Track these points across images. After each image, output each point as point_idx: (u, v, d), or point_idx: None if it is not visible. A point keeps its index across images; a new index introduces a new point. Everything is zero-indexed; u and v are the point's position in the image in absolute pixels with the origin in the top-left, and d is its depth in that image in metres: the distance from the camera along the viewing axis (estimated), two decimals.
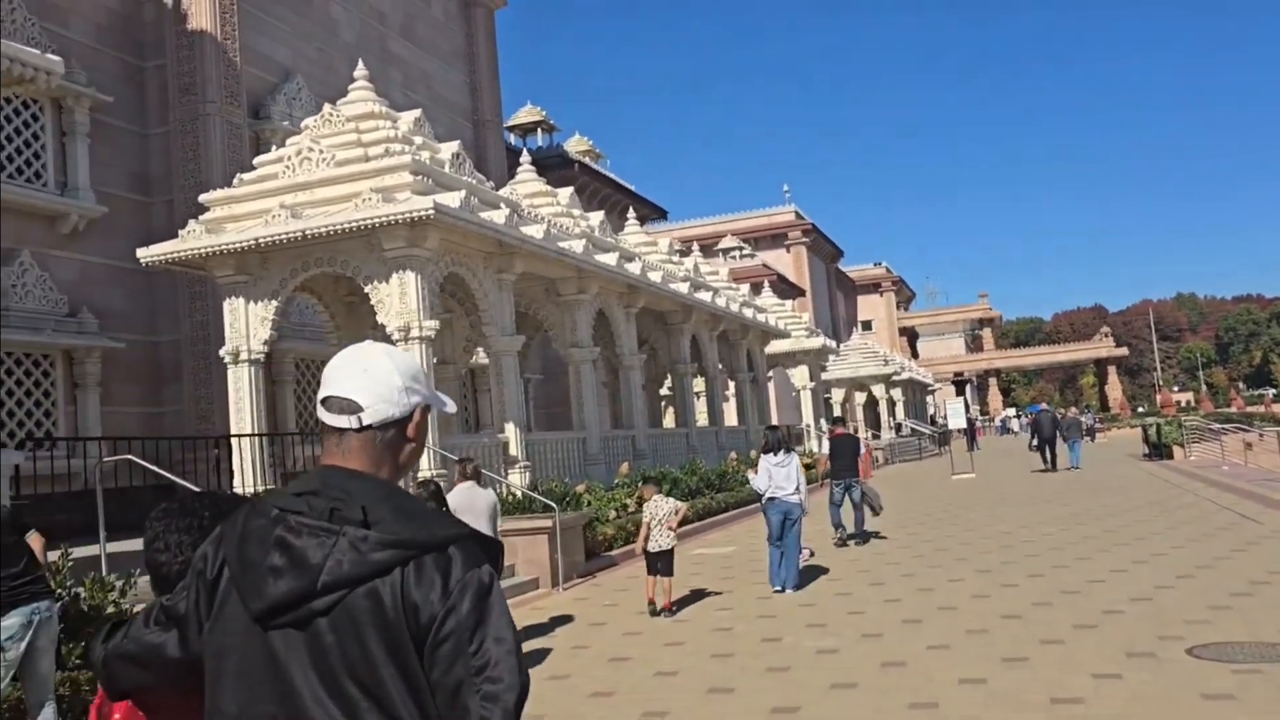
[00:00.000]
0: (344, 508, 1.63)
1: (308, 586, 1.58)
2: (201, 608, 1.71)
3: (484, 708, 1.54)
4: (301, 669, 1.58)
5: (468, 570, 1.61)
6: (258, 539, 1.65)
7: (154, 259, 14.42)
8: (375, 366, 1.76)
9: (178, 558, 1.94)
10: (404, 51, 27.20)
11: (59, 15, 18.74)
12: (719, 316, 26.09)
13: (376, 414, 1.73)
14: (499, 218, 14.53)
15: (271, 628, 1.61)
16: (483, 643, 1.57)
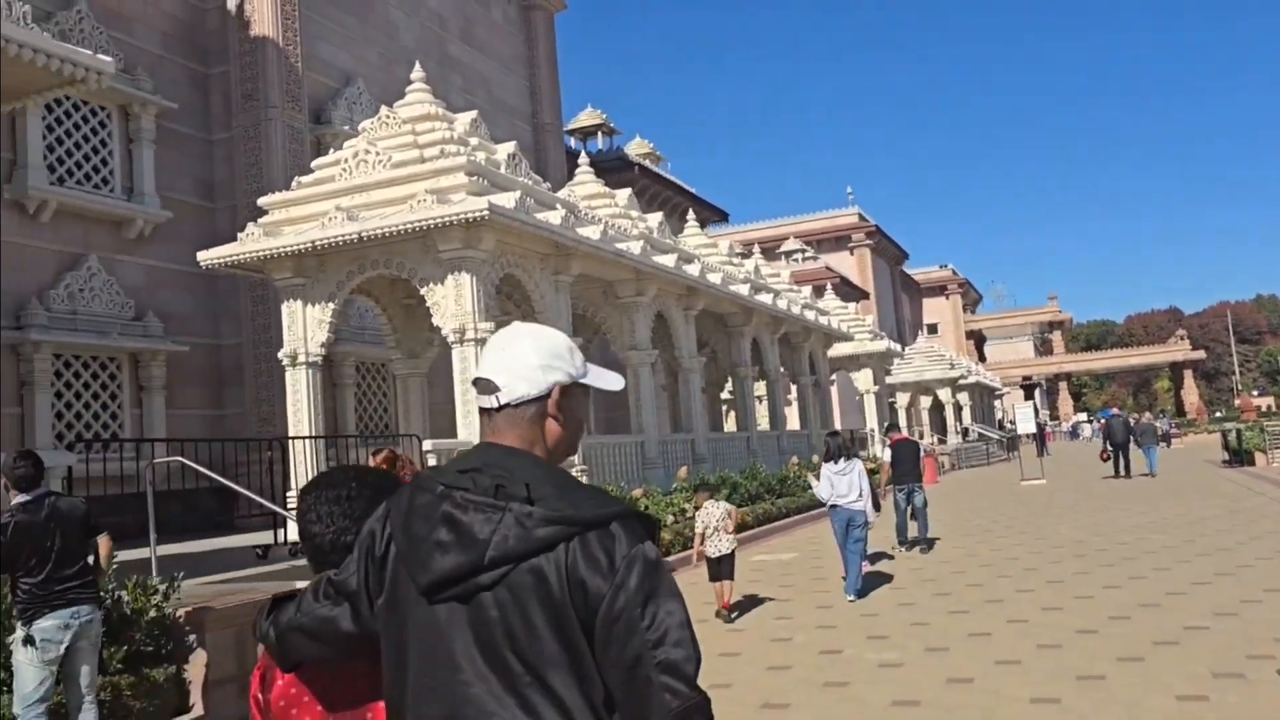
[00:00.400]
0: (508, 484, 1.66)
1: (474, 561, 1.62)
2: (371, 583, 1.78)
3: (666, 679, 1.57)
4: (464, 642, 1.63)
5: (632, 546, 1.62)
6: (424, 515, 1.69)
7: (214, 262, 14.52)
8: (513, 346, 1.79)
9: (329, 528, 2.01)
10: (464, 55, 27.27)
11: (125, 24, 19.04)
12: (780, 319, 25.72)
13: (512, 392, 1.76)
14: (555, 218, 14.38)
15: (437, 601, 1.65)
16: (655, 616, 1.59)
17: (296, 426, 14.41)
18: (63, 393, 17.13)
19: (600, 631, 1.59)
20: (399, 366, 16.99)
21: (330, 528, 2.02)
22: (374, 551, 1.78)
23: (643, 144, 42.02)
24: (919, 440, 29.93)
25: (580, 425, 1.84)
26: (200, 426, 19.13)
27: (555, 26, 31.45)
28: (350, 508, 2.02)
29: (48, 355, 16.70)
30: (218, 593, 7.39)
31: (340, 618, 1.82)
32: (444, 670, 1.63)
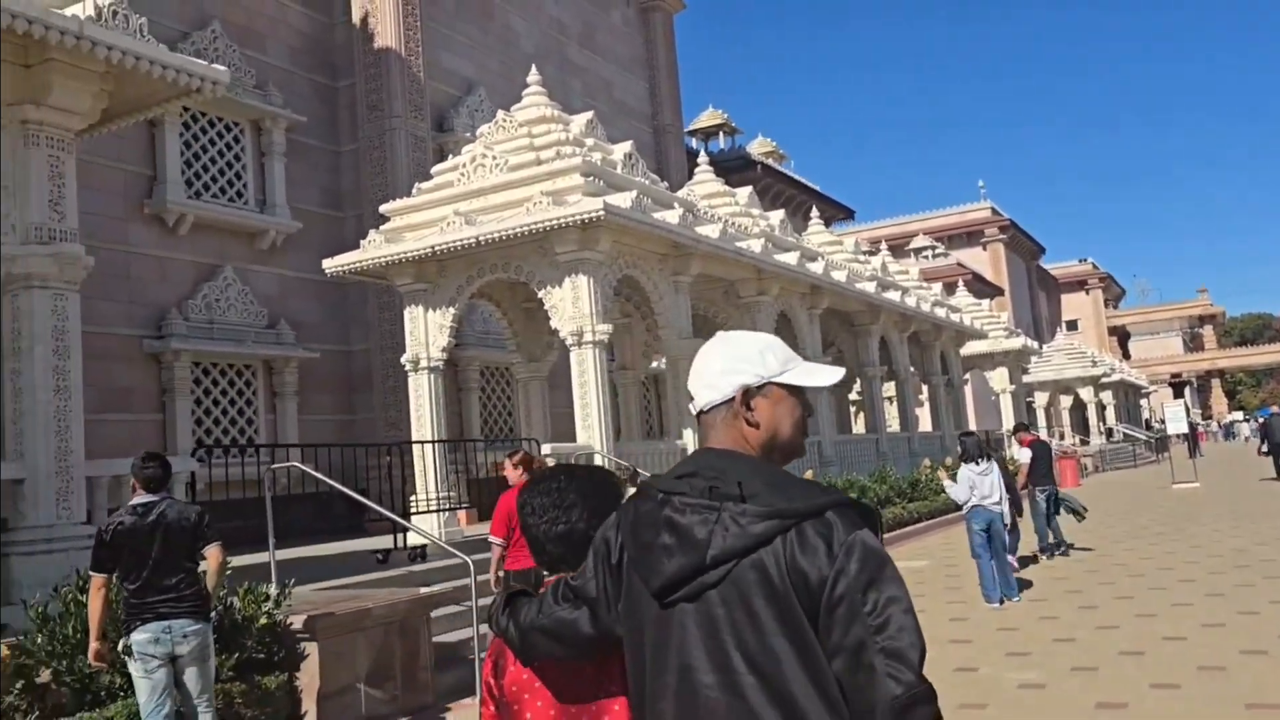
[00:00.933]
0: (721, 485, 1.71)
1: (697, 561, 1.68)
2: (609, 589, 1.87)
3: (890, 665, 1.57)
4: (695, 640, 1.68)
5: (849, 533, 1.64)
6: (648, 521, 1.77)
7: (338, 269, 14.76)
8: (704, 355, 1.90)
9: (542, 519, 2.14)
10: (583, 60, 27.31)
11: (257, 42, 19.63)
12: (909, 317, 24.90)
13: (701, 399, 1.86)
14: (672, 218, 14.12)
15: (669, 603, 1.72)
16: (878, 602, 1.60)
17: (419, 430, 14.52)
18: (201, 399, 17.72)
19: (823, 618, 1.61)
20: (520, 370, 17.00)
21: (543, 519, 2.14)
22: (609, 559, 1.87)
23: (765, 142, 41.48)
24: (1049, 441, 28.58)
25: (791, 422, 1.85)
26: (331, 431, 19.56)
27: (674, 27, 31.24)
28: (559, 499, 2.14)
29: (187, 363, 17.29)
30: (331, 599, 7.36)
31: (580, 621, 1.92)
32: (677, 668, 1.70)
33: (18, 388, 7.21)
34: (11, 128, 7.26)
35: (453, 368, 21.42)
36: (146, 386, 17.07)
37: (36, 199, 7.29)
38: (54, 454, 7.18)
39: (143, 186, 17.38)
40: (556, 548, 2.13)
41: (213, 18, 18.69)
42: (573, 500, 2.14)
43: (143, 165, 17.46)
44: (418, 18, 20.86)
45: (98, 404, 16.37)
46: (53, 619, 5.90)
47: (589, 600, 1.91)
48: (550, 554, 2.14)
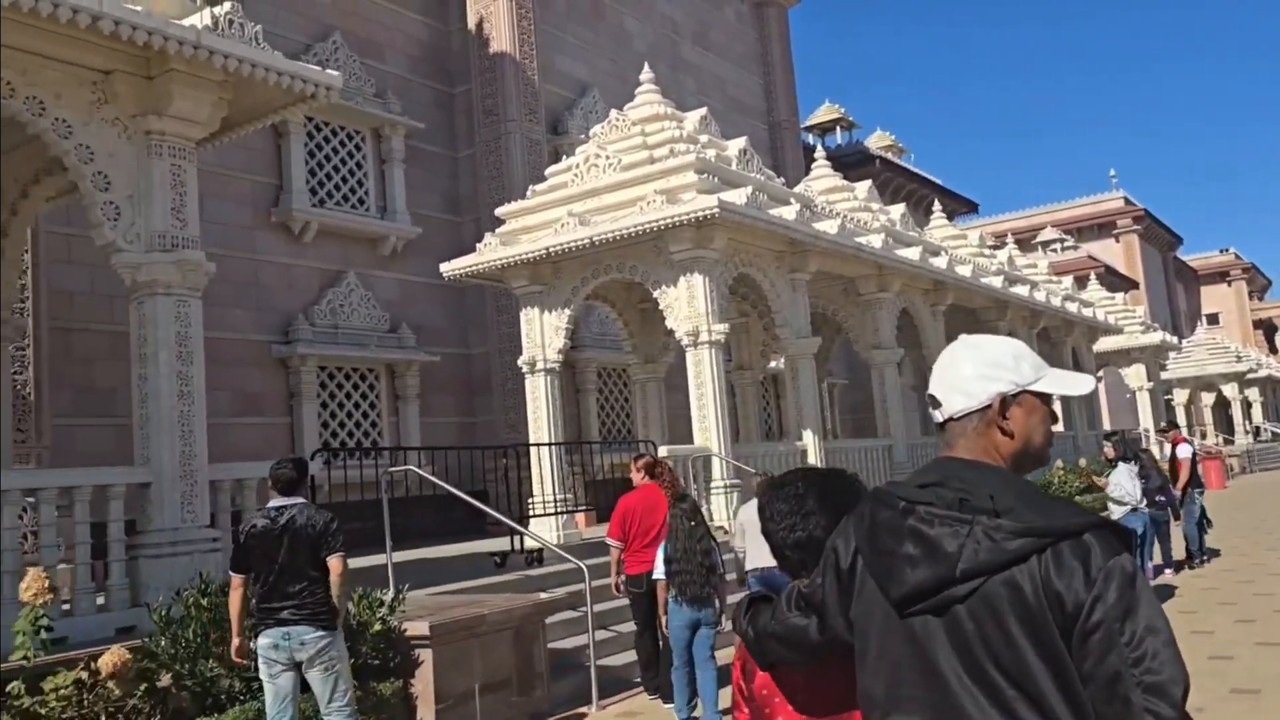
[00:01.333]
0: (972, 497, 1.67)
1: (945, 574, 1.64)
2: (839, 597, 1.85)
3: (1148, 700, 1.52)
4: (944, 654, 1.65)
5: (1108, 558, 1.60)
6: (889, 530, 1.73)
7: (455, 273, 14.87)
8: (951, 359, 1.85)
9: (781, 525, 2.15)
10: (697, 58, 27.09)
11: (376, 51, 20.00)
12: (1038, 312, 23.91)
13: (951, 406, 1.81)
14: (789, 214, 13.78)
15: (909, 614, 1.69)
16: (1135, 633, 1.56)
17: (536, 433, 14.52)
18: (327, 403, 18.12)
19: (1076, 644, 1.58)
20: (636, 371, 16.88)
21: (781, 525, 2.16)
22: (839, 566, 1.84)
23: (884, 136, 40.54)
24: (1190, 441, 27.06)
25: (1043, 432, 1.81)
26: (452, 433, 19.78)
27: (789, 22, 30.76)
28: (799, 505, 2.14)
29: (313, 367, 17.70)
30: (446, 604, 7.30)
31: (810, 628, 1.91)
32: (926, 682, 1.66)
33: (144, 393, 7.36)
34: (136, 138, 7.43)
35: (570, 369, 21.45)
36: (276, 391, 17.54)
37: (159, 207, 7.45)
38: (178, 458, 7.31)
39: (270, 196, 17.88)
40: (795, 554, 2.14)
41: (334, 29, 19.12)
42: (812, 507, 2.13)
43: (270, 175, 17.96)
44: (531, 21, 20.96)
45: (230, 408, 16.91)
46: (175, 622, 5.96)
47: (816, 607, 1.91)
48: (790, 560, 2.16)
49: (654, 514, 7.59)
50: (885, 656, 1.72)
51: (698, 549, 6.61)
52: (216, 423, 16.64)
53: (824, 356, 21.79)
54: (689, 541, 6.62)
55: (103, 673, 5.25)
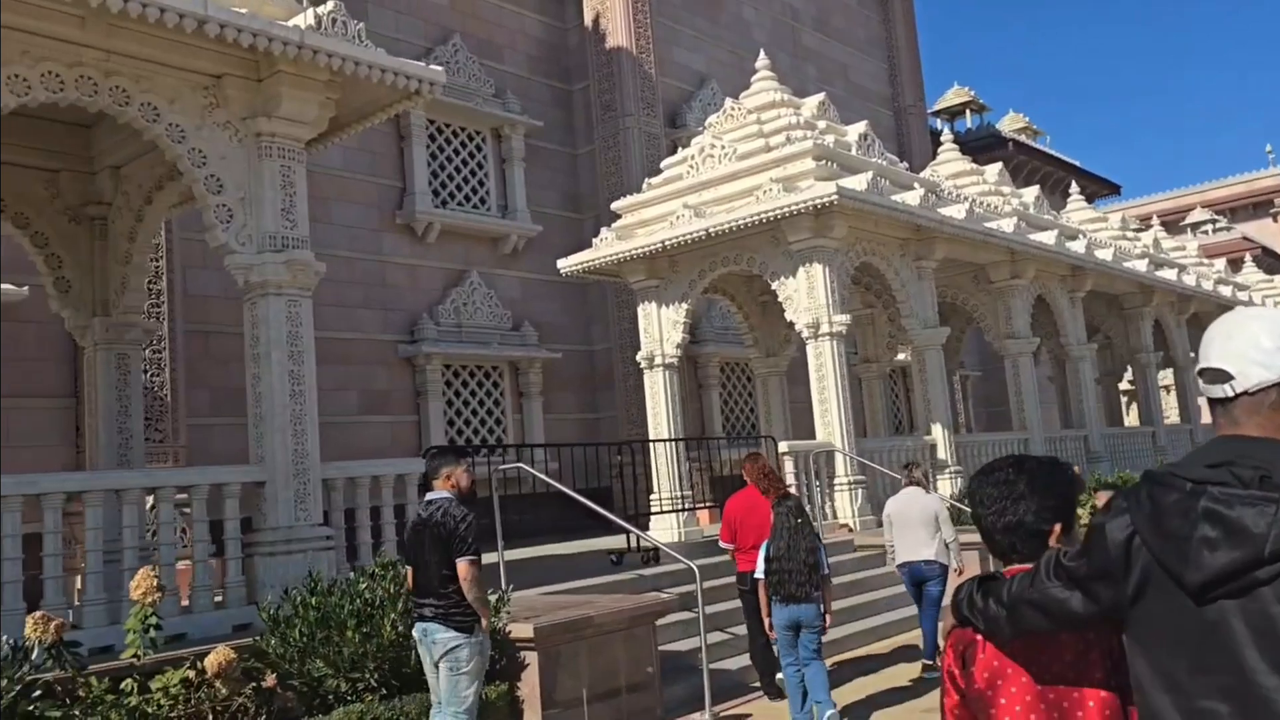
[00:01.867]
0: (1274, 474, 1.62)
1: (1252, 556, 1.60)
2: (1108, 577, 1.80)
3: None
4: (1246, 641, 1.60)
5: None
6: (1177, 512, 1.68)
7: (571, 268, 14.83)
8: (1241, 331, 1.76)
9: (990, 509, 2.16)
10: (818, 45, 26.48)
11: (495, 52, 20.16)
12: (1188, 296, 22.52)
13: (1247, 379, 1.72)
14: (913, 199, 13.24)
15: (1207, 600, 1.64)
16: None
17: (655, 428, 14.35)
18: (452, 400, 18.35)
19: None
20: (758, 365, 16.53)
21: (990, 510, 2.16)
22: (1110, 548, 1.80)
23: (1017, 118, 38.96)
24: None
25: None
26: (575, 430, 19.79)
27: (914, 2, 29.81)
28: (1008, 490, 2.15)
29: (438, 366, 17.94)
30: (555, 604, 7.16)
31: (1071, 601, 1.88)
32: (1228, 667, 1.62)
33: (257, 393, 7.45)
34: (246, 141, 7.52)
35: (693, 364, 21.24)
36: (403, 389, 17.85)
37: (270, 208, 7.51)
38: (291, 457, 7.36)
39: (394, 198, 18.19)
40: (1004, 538, 2.15)
41: (454, 32, 19.34)
42: (1021, 492, 2.14)
43: (393, 178, 18.28)
44: (648, 14, 20.80)
45: (360, 407, 17.29)
46: (282, 621, 5.97)
47: (1081, 584, 1.87)
48: (999, 544, 2.16)
49: (754, 513, 7.56)
50: (1179, 641, 1.69)
51: (801, 547, 6.55)
52: (346, 421, 17.13)
53: (954, 347, 21.00)
54: (792, 539, 6.57)
55: (209, 672, 5.27)
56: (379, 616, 5.91)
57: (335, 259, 17.39)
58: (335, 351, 17.16)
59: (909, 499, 8.52)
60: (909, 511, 8.40)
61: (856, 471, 12.51)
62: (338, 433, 16.68)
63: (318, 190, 17.42)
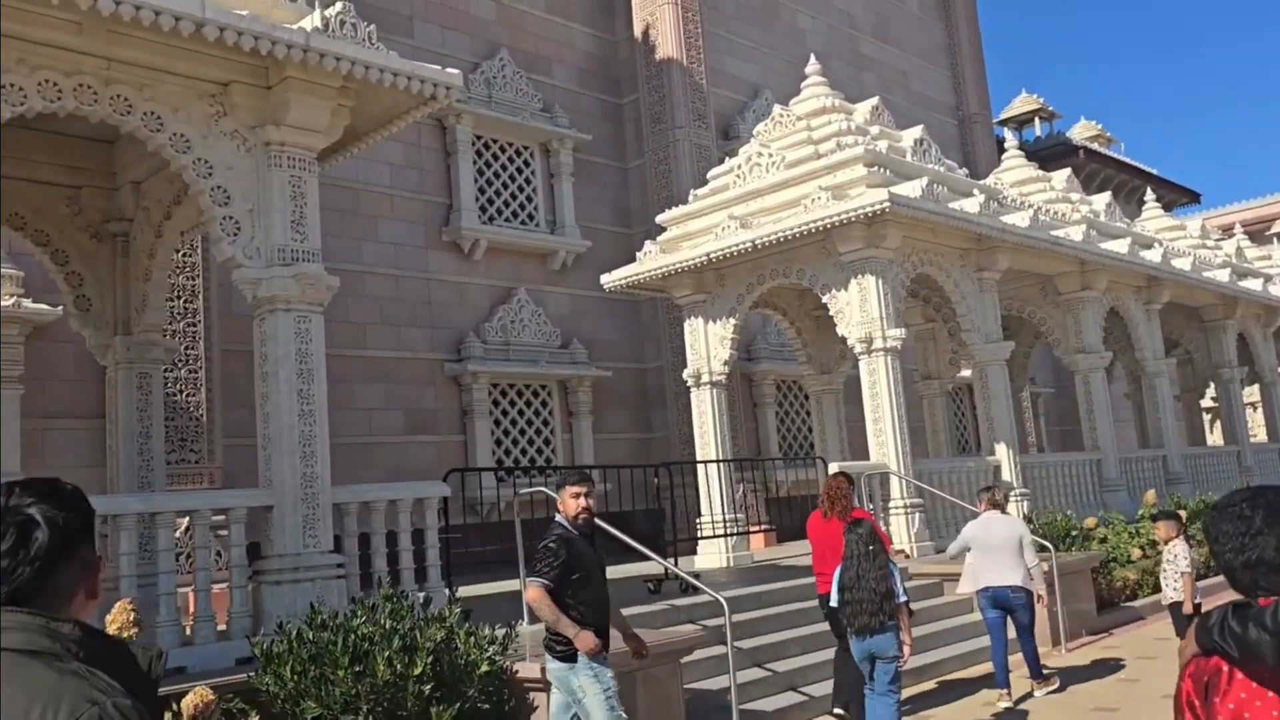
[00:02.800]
0: None
1: None
2: None
3: None
4: None
5: None
6: None
7: (615, 284, 14.38)
8: None
9: (1227, 546, 2.10)
10: (877, 53, 25.81)
11: (543, 66, 19.88)
12: (1275, 308, 21.33)
13: None
14: (971, 206, 12.55)
15: None
16: None
17: (703, 449, 13.81)
18: (500, 420, 18.00)
19: None
20: (811, 383, 15.90)
21: (1229, 546, 2.10)
22: None
23: (1089, 126, 37.71)
24: None
25: None
26: (626, 450, 19.31)
27: (977, 7, 28.96)
28: (1245, 525, 2.09)
29: (485, 385, 17.61)
30: None
31: None
32: None
33: (265, 412, 7.10)
34: (255, 150, 7.21)
35: (747, 382, 20.67)
36: (449, 408, 17.55)
37: (279, 221, 7.19)
38: (300, 480, 6.99)
39: (441, 215, 17.95)
40: (1246, 575, 2.09)
41: (501, 46, 19.11)
42: (1259, 527, 2.08)
43: (440, 194, 18.05)
44: (698, 24, 20.37)
45: (407, 426, 17.03)
46: (275, 658, 5.57)
47: None
48: (1241, 581, 2.10)
49: (828, 535, 7.41)
50: None
51: (872, 575, 6.34)
52: (393, 441, 16.87)
53: (1021, 363, 20.13)
54: (861, 567, 6.38)
55: (184, 714, 4.88)
56: (374, 654, 5.47)
57: (382, 277, 17.22)
58: (382, 370, 16.95)
59: (991, 522, 8.26)
60: (991, 536, 8.15)
61: (913, 494, 11.83)
62: (384, 452, 16.45)
63: (365, 209, 17.28)
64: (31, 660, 1.48)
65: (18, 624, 1.51)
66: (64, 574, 1.60)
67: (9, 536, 1.56)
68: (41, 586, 1.57)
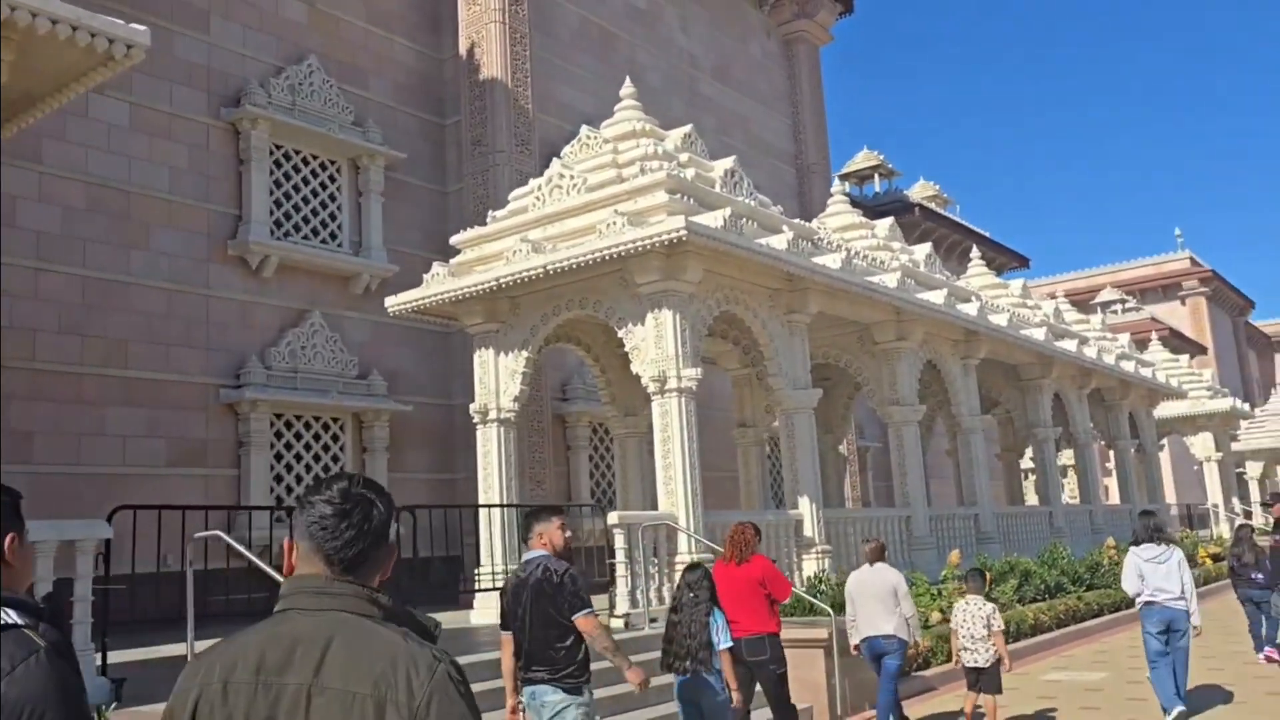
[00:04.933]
0: None
1: None
2: None
3: None
4: None
5: None
6: None
7: (399, 308, 13.12)
8: None
9: None
10: (717, 95, 25.41)
11: (358, 77, 18.58)
12: (1089, 370, 21.53)
13: None
14: (779, 243, 11.83)
15: None
16: None
17: (485, 493, 12.61)
18: (282, 454, 16.38)
19: None
20: (615, 426, 14.92)
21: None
22: None
23: (927, 186, 38.46)
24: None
25: None
26: (428, 491, 17.88)
27: (821, 60, 29.04)
28: None
29: (266, 414, 16.01)
30: None
31: None
32: None
33: None
34: None
35: (561, 423, 19.59)
36: (223, 439, 15.85)
37: None
38: None
39: (228, 227, 16.36)
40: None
41: (311, 52, 17.73)
42: None
43: (229, 204, 16.46)
44: (527, 47, 19.44)
45: (169, 457, 15.24)
46: None
47: None
48: None
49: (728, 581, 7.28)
50: None
51: (694, 622, 6.33)
52: (150, 474, 14.99)
53: (842, 414, 19.66)
54: (685, 613, 6.41)
55: None
56: None
57: (152, 290, 15.45)
58: (144, 394, 15.15)
59: (869, 575, 8.34)
60: (868, 587, 8.24)
61: (703, 550, 10.87)
62: (140, 486, 14.54)
63: (138, 214, 15.50)
64: (370, 623, 1.79)
65: (353, 592, 1.82)
66: (382, 551, 1.92)
67: (357, 513, 1.88)
68: (366, 558, 1.88)
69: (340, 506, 1.87)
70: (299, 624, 1.77)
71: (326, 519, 1.86)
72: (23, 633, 1.88)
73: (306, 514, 1.88)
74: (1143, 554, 8.60)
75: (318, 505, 1.88)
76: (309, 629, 1.76)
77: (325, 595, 1.80)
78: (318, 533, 1.86)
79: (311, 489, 1.91)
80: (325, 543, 1.85)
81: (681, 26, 24.55)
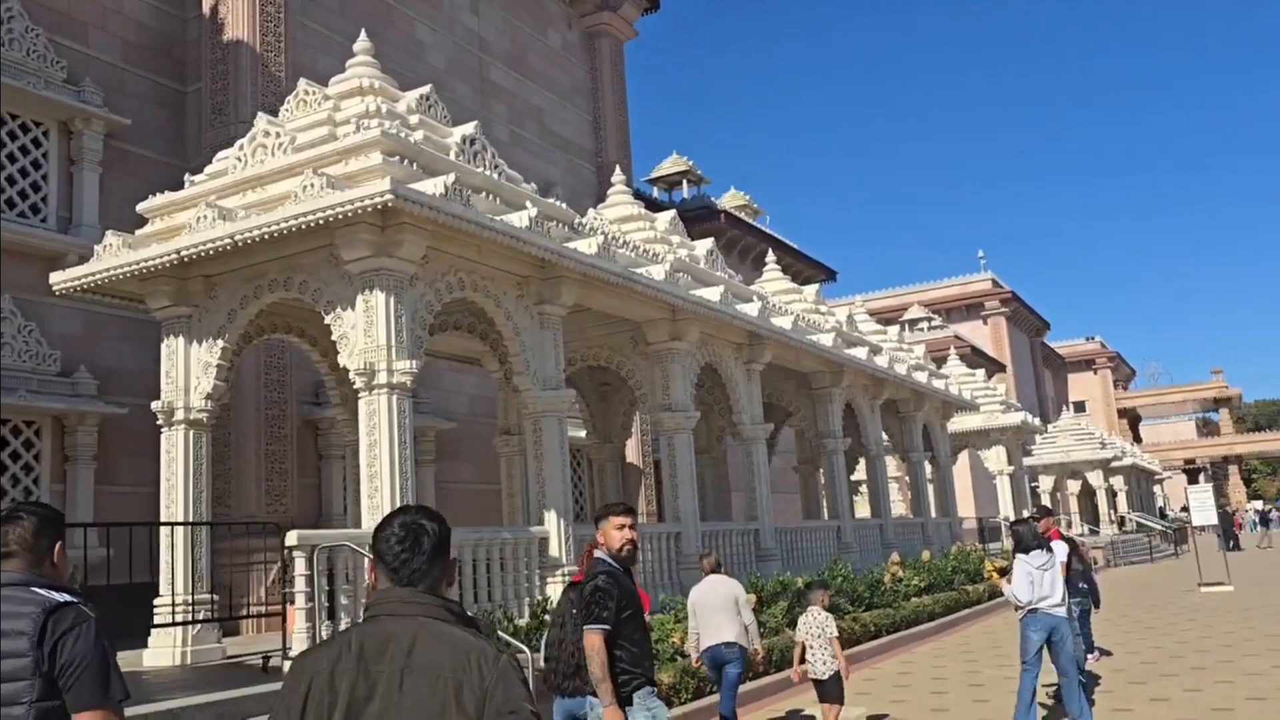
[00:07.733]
0: None
1: None
2: None
3: None
4: None
5: None
6: None
7: (65, 286, 10.93)
8: None
9: None
10: (510, 83, 23.81)
11: (75, 29, 16.10)
12: (881, 381, 20.94)
13: None
14: (518, 220, 10.30)
15: None
16: None
17: (168, 509, 10.59)
18: None
19: None
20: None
21: None
22: None
23: (737, 195, 37.93)
24: None
25: None
26: (143, 507, 15.41)
27: (625, 56, 27.88)
28: None
29: None
30: None
31: None
32: None
33: None
34: None
35: (313, 430, 17.50)
36: None
37: None
38: None
39: None
40: None
41: None
42: None
43: None
44: (280, 8, 17.38)
45: None
46: None
47: None
48: None
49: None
50: None
51: (575, 639, 5.89)
52: None
53: (621, 424, 18.30)
54: (566, 629, 6.02)
55: None
56: None
57: None
58: None
59: (709, 586, 8.48)
60: (710, 598, 8.37)
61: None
62: None
63: None
64: (446, 625, 2.28)
65: (431, 601, 2.32)
66: (440, 566, 2.41)
67: (411, 540, 2.37)
68: (428, 573, 2.36)
69: (400, 537, 2.39)
70: (388, 625, 2.27)
71: (392, 549, 2.38)
72: (80, 607, 2.80)
73: (378, 545, 2.40)
74: (1033, 561, 8.39)
75: (386, 537, 2.41)
76: (397, 629, 2.25)
77: (410, 604, 2.31)
78: (389, 560, 2.37)
79: (382, 524, 2.45)
80: (393, 566, 2.36)
81: (471, 6, 22.85)
